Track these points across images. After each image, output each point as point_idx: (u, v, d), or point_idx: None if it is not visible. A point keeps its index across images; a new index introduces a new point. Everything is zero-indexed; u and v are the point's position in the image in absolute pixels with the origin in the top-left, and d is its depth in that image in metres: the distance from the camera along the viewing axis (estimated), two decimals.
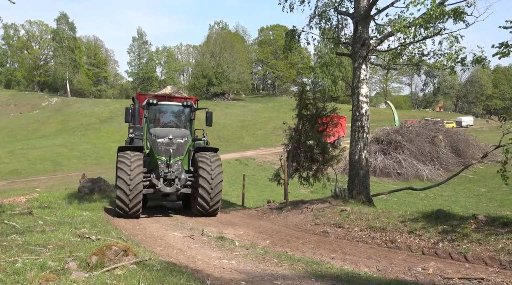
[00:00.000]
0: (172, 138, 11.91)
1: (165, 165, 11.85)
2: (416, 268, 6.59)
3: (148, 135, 12.53)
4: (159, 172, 11.84)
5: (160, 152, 11.89)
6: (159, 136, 11.96)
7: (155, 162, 12.06)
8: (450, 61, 10.47)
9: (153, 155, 12.05)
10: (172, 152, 11.81)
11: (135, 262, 5.53)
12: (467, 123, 66.77)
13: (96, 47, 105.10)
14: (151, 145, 12.08)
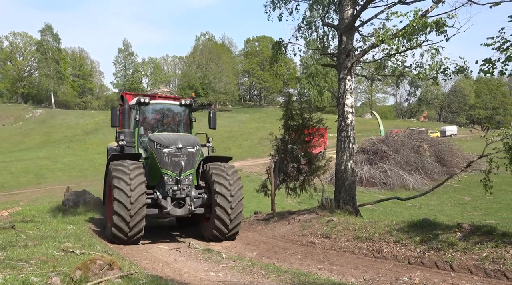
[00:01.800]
0: (181, 147, 9.89)
1: (174, 181, 9.83)
2: (403, 278, 6.61)
3: (148, 143, 10.34)
4: (166, 190, 9.83)
5: (167, 164, 9.83)
6: (165, 145, 9.82)
7: (158, 176, 10.05)
8: (432, 72, 10.65)
9: (156, 168, 9.98)
10: (183, 165, 9.79)
11: (120, 276, 5.46)
12: (451, 132, 67.72)
13: (81, 58, 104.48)
14: (154, 156, 9.98)
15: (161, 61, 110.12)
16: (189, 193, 10.01)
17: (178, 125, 11.95)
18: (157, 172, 10.03)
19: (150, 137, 10.28)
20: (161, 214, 9.99)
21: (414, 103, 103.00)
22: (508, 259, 6.65)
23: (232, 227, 10.18)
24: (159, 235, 11.14)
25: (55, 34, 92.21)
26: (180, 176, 9.78)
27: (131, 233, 9.31)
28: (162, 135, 10.41)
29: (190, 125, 11.78)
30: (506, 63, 7.30)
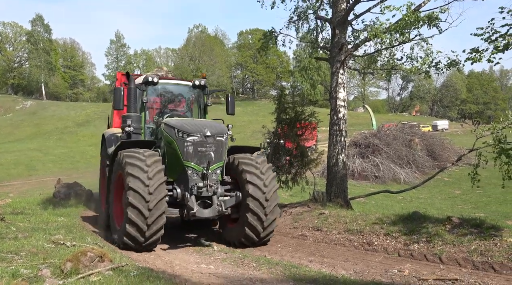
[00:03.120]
0: (210, 135, 8.38)
1: (199, 176, 8.31)
2: (392, 270, 6.67)
3: (164, 129, 8.72)
4: (190, 187, 8.27)
5: (191, 156, 8.28)
6: (189, 132, 8.29)
7: (178, 170, 8.49)
8: (424, 66, 10.69)
9: (176, 159, 8.44)
10: (212, 157, 8.23)
11: (111, 268, 5.45)
12: (443, 127, 68.17)
13: (73, 50, 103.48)
14: (174, 145, 8.40)
15: (154, 53, 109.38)
16: (216, 190, 8.44)
17: (191, 109, 10.54)
18: (177, 165, 8.45)
19: (168, 123, 8.64)
20: (183, 215, 8.48)
21: (406, 98, 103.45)
22: (495, 252, 6.74)
23: (265, 236, 8.74)
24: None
25: (46, 24, 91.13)
26: (207, 170, 8.22)
27: (148, 236, 7.69)
28: (184, 120, 9.00)
29: (204, 110, 10.32)
30: (495, 52, 7.34)
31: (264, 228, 8.56)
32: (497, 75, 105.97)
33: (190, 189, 8.29)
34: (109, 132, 11.02)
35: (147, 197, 7.55)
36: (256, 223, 8.45)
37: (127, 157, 8.04)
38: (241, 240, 8.71)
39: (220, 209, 8.35)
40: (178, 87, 10.39)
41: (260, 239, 8.70)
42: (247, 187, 8.48)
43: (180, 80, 11.12)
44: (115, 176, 8.71)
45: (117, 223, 8.48)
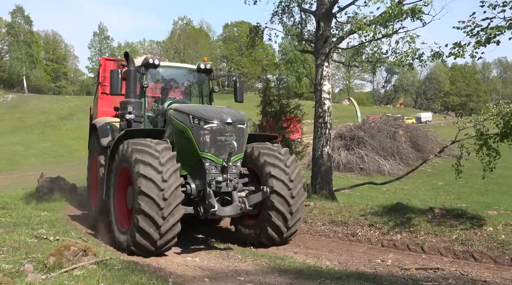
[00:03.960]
0: (231, 122, 7.42)
1: (218, 169, 7.37)
2: (376, 260, 6.77)
3: (174, 116, 7.68)
4: (208, 181, 7.27)
5: (208, 146, 7.29)
6: (207, 119, 7.30)
7: (192, 162, 7.49)
8: (408, 58, 10.79)
9: (190, 150, 7.40)
10: (235, 146, 7.32)
11: (95, 262, 5.42)
12: (426, 119, 69.00)
13: (55, 42, 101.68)
14: (188, 134, 7.38)
15: (138, 45, 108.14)
16: (236, 185, 7.51)
17: (196, 95, 9.64)
18: (191, 157, 7.43)
19: (180, 109, 7.68)
20: (198, 214, 7.38)
21: (391, 90, 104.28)
22: (476, 241, 6.89)
23: (288, 236, 7.95)
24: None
25: (26, 16, 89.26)
26: (228, 162, 7.36)
27: (162, 241, 6.78)
28: (198, 106, 8.26)
29: (210, 97, 9.42)
30: (477, 47, 7.44)
31: (288, 228, 7.74)
32: (479, 68, 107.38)
33: (208, 184, 7.25)
34: (100, 121, 9.92)
35: (161, 203, 6.59)
36: (280, 222, 7.61)
37: (137, 152, 6.95)
38: (261, 240, 7.88)
39: (242, 207, 7.29)
40: (181, 71, 9.46)
41: (283, 240, 7.93)
42: (271, 182, 7.60)
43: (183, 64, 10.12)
44: (117, 169, 7.65)
45: (120, 224, 7.54)
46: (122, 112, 8.23)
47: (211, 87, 9.41)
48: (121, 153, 7.45)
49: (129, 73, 8.27)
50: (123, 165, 7.45)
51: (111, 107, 10.82)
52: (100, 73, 11.63)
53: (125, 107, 8.19)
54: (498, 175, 16.81)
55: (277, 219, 7.61)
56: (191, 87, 9.85)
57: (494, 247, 6.68)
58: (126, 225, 7.39)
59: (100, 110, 11.28)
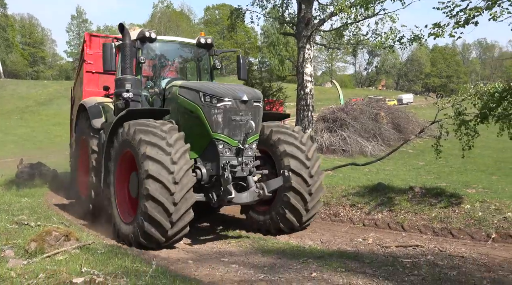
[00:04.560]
0: (247, 99, 6.78)
1: (233, 152, 6.76)
2: (357, 239, 6.89)
3: (180, 94, 7.04)
4: (222, 165, 6.65)
5: (221, 126, 6.65)
6: (220, 96, 6.65)
7: (203, 145, 6.87)
8: (389, 40, 10.84)
9: (201, 131, 6.77)
10: (253, 126, 6.72)
11: (77, 247, 5.40)
12: (408, 100, 69.68)
13: (31, 26, 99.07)
14: (198, 113, 6.72)
15: (117, 29, 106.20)
16: (252, 169, 6.93)
17: (196, 72, 8.92)
18: (202, 139, 6.81)
19: (188, 86, 7.03)
20: (210, 201, 6.82)
21: (373, 72, 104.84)
22: (454, 218, 7.06)
23: (307, 220, 7.41)
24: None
25: None
26: (244, 144, 6.76)
27: (171, 235, 6.20)
28: (207, 83, 7.65)
29: (211, 75, 8.77)
30: (456, 27, 7.50)
31: (307, 210, 7.21)
32: (459, 49, 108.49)
33: (222, 168, 6.62)
34: (90, 101, 9.11)
35: (172, 187, 5.96)
36: (299, 204, 7.08)
37: (141, 132, 6.30)
38: (278, 227, 7.32)
39: (261, 193, 6.69)
40: (179, 46, 8.70)
41: (301, 225, 7.39)
42: (286, 161, 7.09)
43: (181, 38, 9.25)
44: (117, 155, 7.00)
45: (123, 215, 6.91)
46: (118, 90, 7.47)
47: (212, 64, 8.65)
48: (123, 136, 6.72)
49: (124, 47, 7.48)
50: (124, 150, 6.79)
51: (97, 87, 10.38)
52: (85, 50, 10.79)
53: (122, 84, 7.41)
54: (477, 155, 17.14)
55: (296, 201, 7.04)
56: (189, 64, 9.13)
57: (471, 223, 6.86)
58: (130, 216, 6.77)
59: (86, 91, 10.60)
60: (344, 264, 5.39)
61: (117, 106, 7.62)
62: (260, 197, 6.74)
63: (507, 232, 6.41)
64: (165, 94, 7.59)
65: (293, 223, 7.25)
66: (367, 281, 4.70)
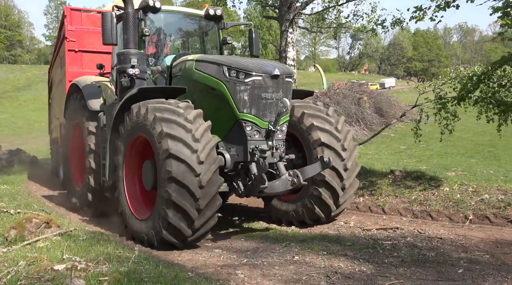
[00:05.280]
0: (279, 74, 5.98)
1: (262, 135, 5.98)
2: (339, 223, 6.98)
3: (198, 68, 6.19)
4: (251, 150, 5.89)
5: (249, 105, 5.88)
6: (248, 70, 5.86)
7: (226, 127, 6.06)
8: (371, 23, 10.87)
9: (225, 112, 6.00)
10: (287, 104, 5.95)
11: (58, 234, 5.37)
12: (390, 84, 70.28)
13: (7, 8, 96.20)
14: (222, 91, 5.91)
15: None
16: (282, 154, 6.17)
17: (203, 47, 7.97)
18: (226, 120, 6.02)
19: (208, 59, 6.24)
20: (238, 192, 6.13)
21: (356, 56, 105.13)
22: (433, 201, 7.21)
23: (336, 214, 6.84)
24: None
25: None
26: (276, 125, 5.99)
27: (198, 226, 5.38)
28: (231, 56, 6.88)
29: (220, 51, 7.90)
30: (436, 10, 7.54)
31: (338, 206, 6.58)
32: (440, 33, 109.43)
33: (250, 153, 5.88)
34: (83, 80, 8.11)
35: (197, 192, 5.15)
36: (329, 200, 6.42)
37: (156, 110, 5.52)
38: (302, 219, 6.70)
39: (295, 181, 5.81)
40: (184, 17, 7.73)
41: (329, 219, 6.81)
42: (320, 151, 6.37)
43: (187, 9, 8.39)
44: (126, 140, 6.14)
45: (135, 211, 6.06)
46: (122, 66, 6.56)
47: (221, 38, 7.82)
48: (133, 118, 5.87)
49: (127, 16, 6.59)
50: (136, 135, 5.95)
51: (81, 67, 9.71)
52: (65, 26, 9.81)
53: (126, 59, 6.52)
54: (457, 138, 17.42)
55: (327, 196, 6.39)
56: (194, 39, 8.22)
57: (450, 205, 7.01)
58: (146, 212, 5.96)
59: (69, 71, 9.78)
60: (326, 247, 5.46)
61: (121, 83, 6.57)
62: (294, 186, 5.86)
63: (483, 214, 6.57)
64: (172, 72, 6.76)
65: (320, 219, 6.64)
66: (348, 263, 4.78)
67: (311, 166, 6.10)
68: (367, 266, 4.68)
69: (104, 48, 9.28)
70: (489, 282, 4.08)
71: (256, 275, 4.46)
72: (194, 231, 5.36)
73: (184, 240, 5.43)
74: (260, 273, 4.51)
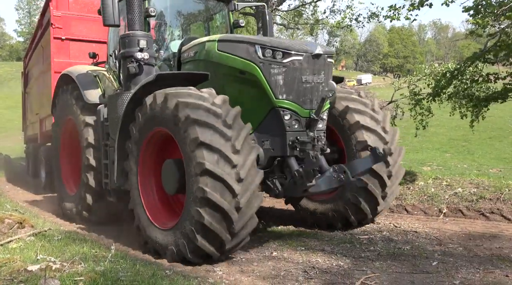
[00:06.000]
0: (321, 53, 5.14)
1: (302, 125, 5.17)
2: None
3: (225, 50, 5.30)
4: (291, 142, 5.11)
5: (286, 90, 5.07)
6: (287, 49, 5.04)
7: (259, 116, 5.24)
8: (346, 19, 11.00)
9: (258, 99, 5.20)
10: (333, 88, 5.18)
11: (32, 234, 5.25)
12: (366, 81, 71.29)
13: None
14: (255, 74, 5.06)
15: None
16: (323, 147, 5.33)
17: (212, 29, 7.22)
18: (259, 108, 5.24)
19: (236, 39, 5.41)
20: (276, 192, 5.29)
21: None
22: (408, 195, 7.36)
23: (381, 209, 6.01)
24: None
25: None
26: (319, 113, 5.17)
27: (233, 243, 4.57)
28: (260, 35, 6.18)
29: (231, 33, 6.97)
30: (410, 9, 7.68)
31: (384, 198, 5.78)
32: (415, 30, 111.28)
33: (289, 146, 5.12)
34: (76, 70, 7.26)
35: (236, 187, 4.32)
36: (376, 190, 5.64)
37: (188, 106, 4.52)
38: (348, 219, 5.93)
39: (341, 177, 4.94)
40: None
41: (374, 216, 6.06)
42: (360, 135, 5.67)
43: None
44: (142, 137, 5.20)
45: (155, 220, 5.12)
46: (128, 50, 5.73)
47: (232, 21, 7.05)
48: (150, 112, 4.98)
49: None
50: (154, 129, 5.05)
51: (68, 57, 9.02)
52: (50, 11, 9.03)
53: (133, 42, 5.71)
54: (432, 133, 17.81)
55: (375, 187, 5.62)
56: (206, 18, 7.34)
57: (425, 199, 7.16)
58: (168, 220, 5.11)
59: (55, 62, 9.06)
60: (303, 242, 5.50)
61: (128, 70, 5.70)
62: (341, 183, 5.03)
63: (457, 207, 6.74)
64: (182, 58, 5.98)
65: (367, 215, 5.86)
66: (326, 258, 4.83)
67: (361, 160, 5.36)
68: (344, 260, 4.74)
69: (94, 37, 8.74)
70: (462, 274, 4.18)
71: (235, 271, 4.46)
72: (233, 235, 4.45)
73: (221, 248, 4.52)
74: (238, 270, 4.51)
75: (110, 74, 6.86)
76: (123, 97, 5.73)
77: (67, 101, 7.31)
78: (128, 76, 5.79)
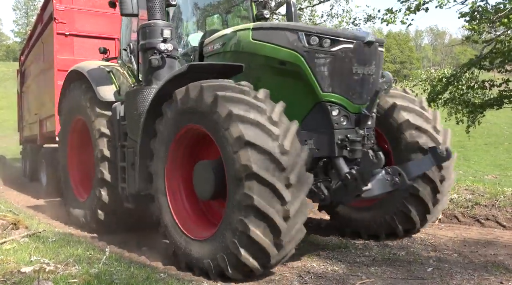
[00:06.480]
0: (373, 40, 4.54)
1: (351, 121, 4.62)
2: (312, 223, 7.04)
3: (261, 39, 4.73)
4: (340, 140, 4.53)
5: (334, 82, 4.50)
6: (334, 35, 4.50)
7: (303, 111, 4.65)
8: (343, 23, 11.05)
9: (300, 92, 4.64)
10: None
11: (27, 235, 5.23)
12: None
13: None
14: (295, 64, 4.50)
15: None
16: (373, 145, 4.85)
17: (232, 21, 6.73)
18: (303, 102, 4.66)
19: (275, 26, 4.98)
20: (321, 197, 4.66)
21: None
22: None
23: (430, 219, 5.46)
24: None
25: None
26: (371, 109, 4.69)
27: (279, 257, 4.04)
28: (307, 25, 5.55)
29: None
30: (407, 13, 7.73)
31: (435, 204, 5.21)
32: (412, 35, 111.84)
33: (338, 146, 4.54)
34: (87, 66, 6.65)
35: (285, 194, 3.77)
36: (428, 197, 5.09)
37: (229, 101, 3.99)
38: (394, 229, 5.37)
39: (396, 181, 4.58)
40: None
41: (423, 225, 5.47)
42: (409, 135, 5.08)
43: None
44: (171, 135, 4.63)
45: (187, 229, 4.55)
46: (149, 41, 5.24)
47: (254, 13, 6.47)
48: (180, 106, 4.42)
49: None
50: (187, 126, 4.49)
51: (72, 54, 8.67)
52: (54, 5, 8.63)
53: (154, 32, 5.20)
54: None
55: (426, 192, 5.07)
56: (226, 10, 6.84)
57: None
58: (201, 230, 4.56)
59: (58, 59, 8.63)
60: (299, 247, 5.46)
61: (150, 63, 5.18)
62: (396, 186, 4.62)
63: (452, 213, 6.76)
64: (204, 51, 5.46)
65: (416, 224, 5.31)
66: (321, 263, 4.83)
67: (419, 161, 4.83)
68: (339, 265, 4.73)
69: (99, 32, 8.45)
70: (457, 280, 4.18)
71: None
72: (280, 248, 3.91)
73: (266, 263, 3.98)
74: None
75: (124, 70, 6.40)
76: (144, 92, 5.26)
77: (75, 100, 6.71)
78: (150, 69, 5.29)
